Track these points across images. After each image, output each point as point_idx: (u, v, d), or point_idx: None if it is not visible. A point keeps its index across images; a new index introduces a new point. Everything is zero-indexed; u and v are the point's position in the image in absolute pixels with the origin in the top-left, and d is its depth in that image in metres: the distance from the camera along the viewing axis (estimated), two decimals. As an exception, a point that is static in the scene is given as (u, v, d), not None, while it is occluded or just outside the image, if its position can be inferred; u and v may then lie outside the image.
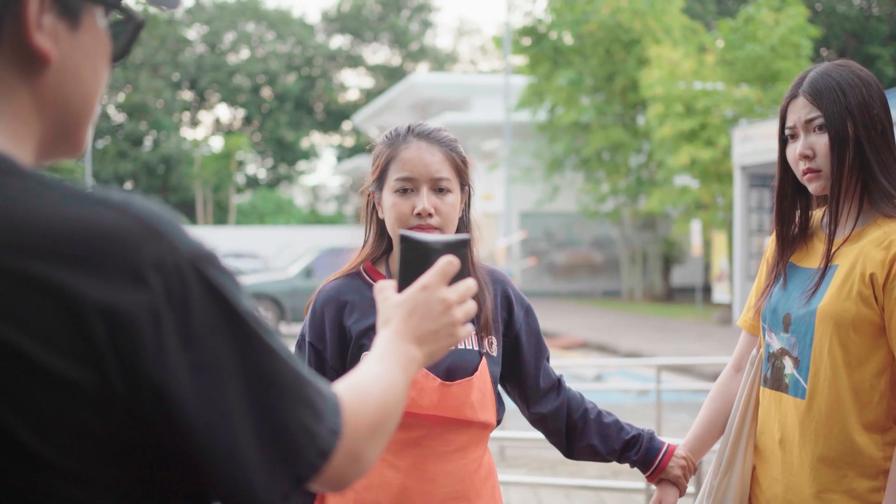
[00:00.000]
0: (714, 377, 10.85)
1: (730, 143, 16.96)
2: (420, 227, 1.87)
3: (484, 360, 1.94)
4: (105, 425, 0.80)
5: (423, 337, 1.10)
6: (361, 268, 2.00)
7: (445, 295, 1.11)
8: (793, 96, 2.00)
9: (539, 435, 4.90)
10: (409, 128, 1.97)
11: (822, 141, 1.95)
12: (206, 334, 0.84)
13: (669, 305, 22.47)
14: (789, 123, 2.01)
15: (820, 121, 1.94)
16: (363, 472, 0.98)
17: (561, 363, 7.65)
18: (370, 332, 1.89)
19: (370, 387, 1.01)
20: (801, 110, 1.98)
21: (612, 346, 14.31)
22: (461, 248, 1.14)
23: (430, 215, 1.88)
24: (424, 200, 1.88)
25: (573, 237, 27.31)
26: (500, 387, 2.07)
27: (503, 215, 24.74)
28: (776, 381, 2.02)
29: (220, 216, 46.74)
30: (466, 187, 2.00)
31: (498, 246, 20.99)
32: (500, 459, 6.86)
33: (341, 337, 1.93)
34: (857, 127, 1.92)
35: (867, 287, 1.89)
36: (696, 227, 18.45)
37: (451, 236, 1.15)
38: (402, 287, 1.13)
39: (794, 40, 17.49)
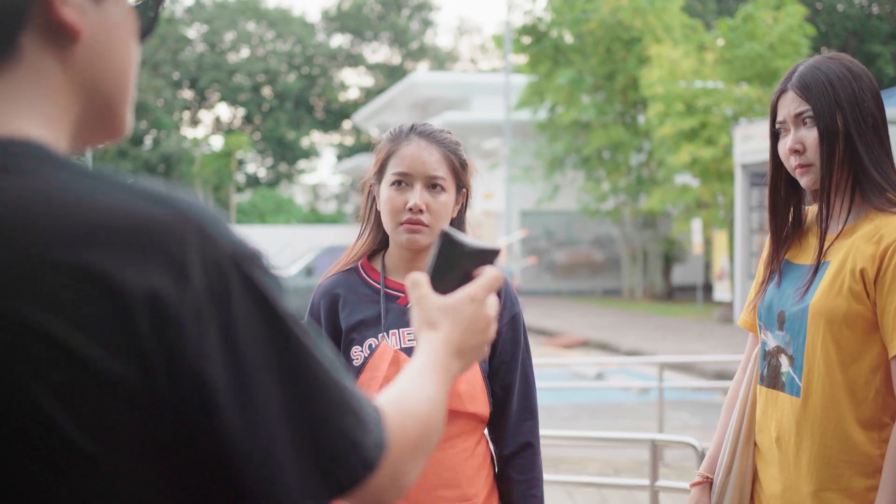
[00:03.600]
0: (715, 375, 10.88)
1: (730, 141, 16.96)
2: (410, 222, 1.95)
3: None
4: (147, 422, 0.78)
5: (464, 351, 1.06)
6: (359, 264, 2.07)
7: (489, 311, 1.08)
8: (782, 91, 1.99)
9: (542, 432, 4.88)
10: (412, 126, 2.04)
11: (811, 135, 1.92)
12: (246, 334, 0.80)
13: (670, 304, 22.47)
14: (779, 118, 1.99)
15: (809, 114, 1.92)
16: (401, 494, 0.93)
17: (562, 361, 7.64)
18: (360, 326, 1.99)
19: (414, 401, 0.95)
20: (790, 104, 1.96)
21: (613, 345, 14.31)
22: (493, 258, 1.12)
23: (420, 211, 1.95)
24: (417, 196, 1.95)
25: (573, 236, 27.31)
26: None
27: (503, 214, 24.74)
28: (772, 380, 2.00)
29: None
30: (464, 190, 2.05)
31: (499, 245, 20.96)
32: (501, 457, 6.87)
33: (335, 330, 2.01)
34: (846, 120, 1.90)
35: (858, 283, 1.86)
36: (696, 225, 18.44)
37: (486, 243, 1.13)
38: (434, 283, 1.10)
39: (793, 39, 17.49)
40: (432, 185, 1.97)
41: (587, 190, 23.49)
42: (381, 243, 2.09)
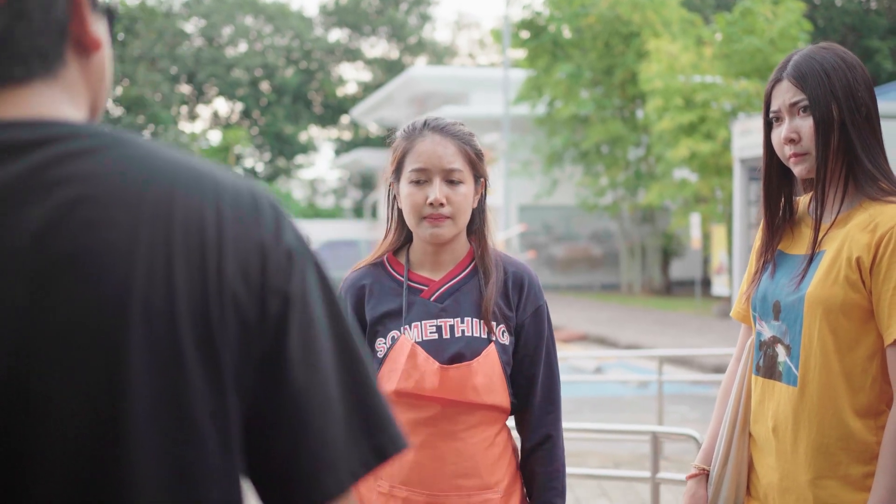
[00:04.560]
0: (714, 369, 10.88)
1: (729, 136, 16.97)
2: (432, 217, 1.99)
3: (492, 347, 2.00)
4: (249, 355, 0.88)
5: None
6: (385, 258, 2.12)
7: None
8: (777, 80, 1.98)
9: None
10: (425, 122, 2.07)
11: (807, 124, 1.93)
12: (314, 298, 0.92)
13: (668, 299, 22.49)
14: (774, 107, 1.99)
15: (805, 104, 1.93)
16: None
17: (561, 355, 7.66)
18: (384, 318, 2.03)
19: None
20: (785, 94, 1.96)
21: (611, 339, 14.33)
22: None
23: (441, 205, 1.99)
24: (437, 191, 1.99)
25: (572, 231, 27.32)
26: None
27: (502, 209, 24.73)
28: (769, 370, 2.01)
29: (219, 210, 46.64)
30: (481, 179, 2.11)
31: (497, 239, 20.98)
32: (501, 450, 6.87)
33: (361, 321, 2.05)
34: (841, 110, 1.91)
35: (854, 271, 1.87)
36: (695, 220, 18.46)
37: None
38: None
39: (791, 33, 17.48)
40: (450, 179, 2.01)
41: (585, 185, 23.49)
42: (406, 239, 2.14)
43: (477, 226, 2.12)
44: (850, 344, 1.88)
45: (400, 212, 2.10)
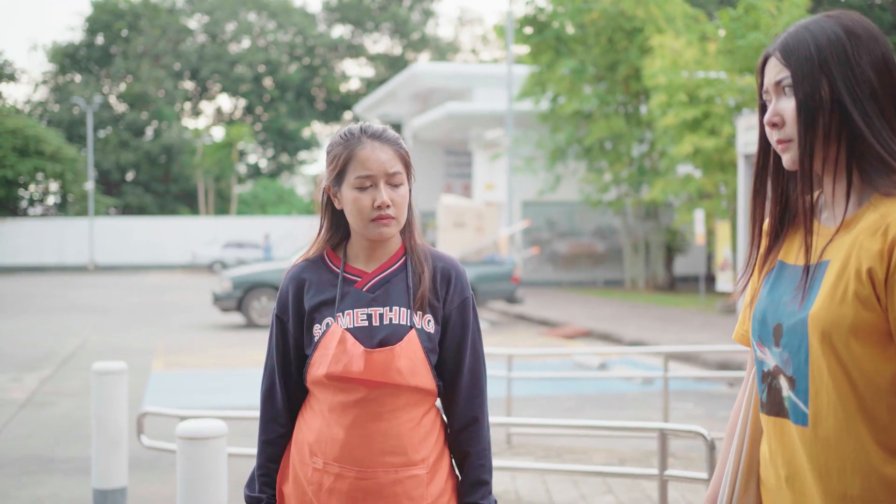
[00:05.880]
0: (719, 365, 10.87)
1: (733, 131, 16.95)
2: (381, 218, 2.16)
3: (413, 333, 2.16)
4: None
5: None
6: (324, 253, 2.30)
7: None
8: (767, 55, 1.68)
9: (546, 421, 4.81)
10: (362, 129, 2.22)
11: (790, 105, 1.62)
12: None
13: (672, 295, 22.47)
14: (764, 87, 1.69)
15: (788, 81, 1.62)
16: None
17: (565, 351, 7.64)
18: (320, 306, 2.20)
19: None
20: (771, 71, 1.66)
21: (615, 336, 14.32)
22: None
23: (388, 206, 2.16)
24: (383, 194, 2.16)
25: (575, 226, 27.31)
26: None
27: (505, 204, 24.72)
28: (774, 406, 1.66)
29: (222, 206, 46.70)
30: (411, 178, 2.27)
31: (500, 235, 20.98)
32: (506, 447, 6.87)
33: (299, 310, 2.24)
34: (834, 88, 1.58)
35: (865, 286, 1.52)
36: (699, 216, 18.43)
37: None
38: None
39: (797, 29, 17.44)
40: (392, 182, 2.18)
41: (589, 180, 23.49)
42: (341, 236, 2.30)
43: (408, 219, 2.26)
44: (869, 374, 1.54)
45: (335, 212, 2.27)
